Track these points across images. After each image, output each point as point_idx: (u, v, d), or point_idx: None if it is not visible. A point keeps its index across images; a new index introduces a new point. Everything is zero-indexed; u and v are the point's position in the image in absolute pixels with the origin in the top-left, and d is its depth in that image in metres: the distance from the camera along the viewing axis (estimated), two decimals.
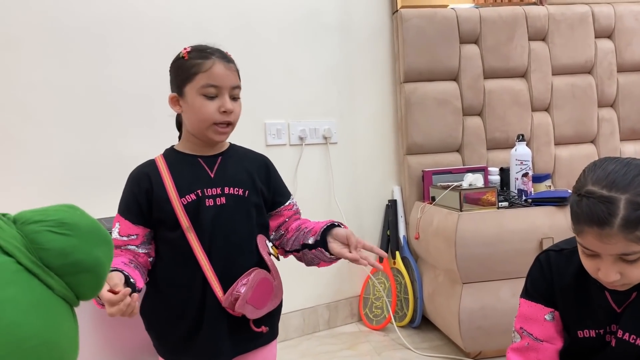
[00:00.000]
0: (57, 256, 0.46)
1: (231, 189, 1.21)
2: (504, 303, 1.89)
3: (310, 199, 2.33)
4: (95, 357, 1.57)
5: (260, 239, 1.23)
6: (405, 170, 2.42)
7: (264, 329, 1.25)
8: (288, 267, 1.33)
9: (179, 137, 1.27)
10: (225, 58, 1.17)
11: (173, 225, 1.16)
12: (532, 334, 1.01)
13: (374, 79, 2.48)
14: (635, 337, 0.93)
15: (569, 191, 2.04)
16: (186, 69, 1.15)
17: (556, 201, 1.96)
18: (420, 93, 2.37)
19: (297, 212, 1.36)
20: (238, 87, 1.18)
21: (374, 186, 2.51)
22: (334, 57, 2.40)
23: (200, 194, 1.17)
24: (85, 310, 1.49)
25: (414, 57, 2.35)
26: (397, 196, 2.51)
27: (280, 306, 1.35)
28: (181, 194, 1.16)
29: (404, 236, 2.46)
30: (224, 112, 1.14)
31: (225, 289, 1.18)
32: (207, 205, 1.17)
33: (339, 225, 1.25)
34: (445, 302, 2.02)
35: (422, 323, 2.30)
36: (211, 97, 1.13)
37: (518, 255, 1.88)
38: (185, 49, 1.17)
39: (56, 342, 0.44)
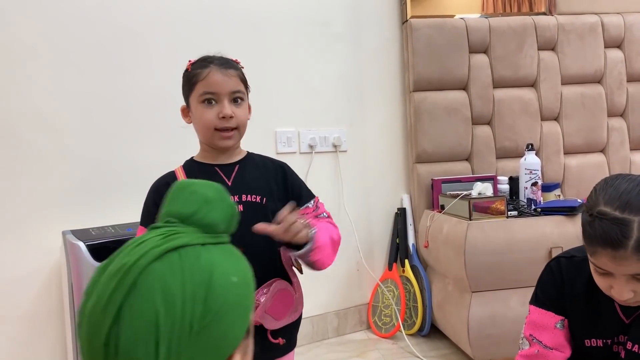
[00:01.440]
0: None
1: (249, 196, 1.22)
2: (514, 312, 1.89)
3: None
4: None
5: (284, 250, 1.22)
6: (415, 179, 2.43)
7: (280, 340, 1.25)
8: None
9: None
10: (224, 64, 1.18)
11: None
12: (541, 342, 1.01)
13: (384, 88, 2.50)
14: None
15: (579, 200, 2.05)
16: (188, 80, 1.19)
17: (565, 211, 1.96)
18: (430, 102, 2.38)
19: (320, 216, 1.31)
20: (239, 91, 1.19)
21: (383, 194, 2.53)
22: (344, 66, 2.42)
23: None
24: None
25: (424, 66, 2.37)
26: (407, 204, 2.52)
27: (299, 319, 1.34)
28: None
29: (413, 244, 2.47)
30: (223, 117, 1.16)
31: None
32: None
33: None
34: (455, 311, 2.02)
35: (431, 331, 2.30)
36: (210, 104, 1.16)
37: (527, 264, 1.88)
38: (190, 61, 1.20)
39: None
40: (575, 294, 1.00)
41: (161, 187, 1.21)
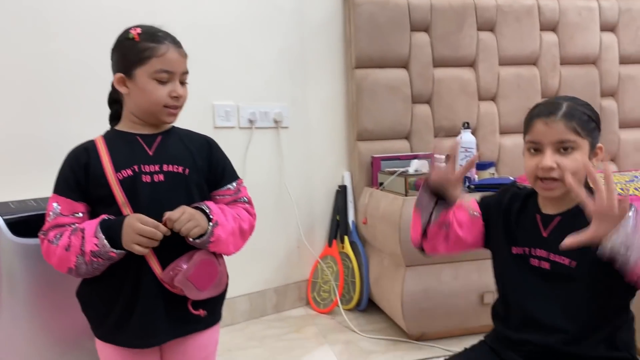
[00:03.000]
0: None
1: (170, 166, 1.20)
2: (445, 286, 1.95)
3: (260, 183, 2.31)
4: (31, 342, 1.53)
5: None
6: (356, 156, 2.44)
7: (202, 312, 1.24)
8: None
9: (110, 116, 1.27)
10: (177, 43, 1.19)
11: (109, 201, 1.15)
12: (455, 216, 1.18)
13: (327, 64, 2.48)
14: (564, 258, 1.05)
15: (511, 178, 2.12)
16: (138, 51, 1.15)
17: (498, 188, 2.01)
18: (372, 79, 2.38)
19: (239, 200, 1.32)
20: (187, 72, 1.21)
21: (324, 172, 2.52)
22: (286, 41, 2.38)
23: (137, 170, 1.17)
24: (19, 294, 1.44)
25: (366, 43, 2.36)
26: (348, 182, 2.53)
27: (224, 293, 1.34)
28: (117, 169, 1.16)
29: (352, 221, 2.49)
30: (175, 97, 1.17)
31: (163, 266, 1.17)
32: (144, 181, 1.17)
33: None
34: (390, 285, 2.06)
35: (368, 306, 2.34)
36: (163, 82, 1.16)
37: None
38: (134, 29, 1.16)
39: None
40: (512, 208, 1.16)
41: (79, 154, 1.18)
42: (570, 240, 0.94)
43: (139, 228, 1.09)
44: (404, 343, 1.99)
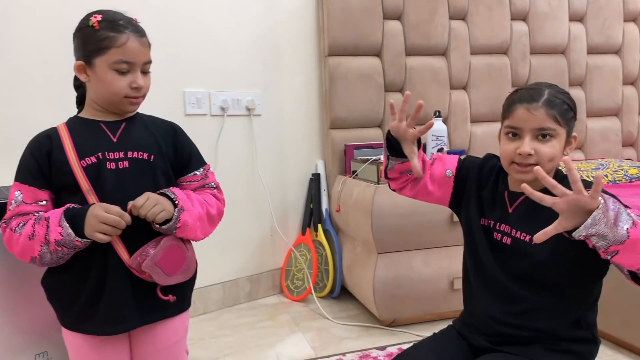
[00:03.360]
0: None
1: (135, 153, 1.20)
2: (416, 272, 1.97)
3: (233, 171, 2.30)
4: None
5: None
6: (329, 145, 2.44)
7: (171, 297, 1.24)
8: (210, 240, 1.31)
9: (77, 99, 1.25)
10: (140, 32, 1.16)
11: (74, 189, 1.14)
12: (432, 169, 1.23)
13: (300, 52, 2.46)
14: (524, 235, 1.08)
15: None
16: (97, 40, 1.12)
17: None
18: (344, 68, 2.38)
19: (206, 186, 1.32)
20: (150, 62, 1.19)
21: (298, 160, 2.51)
22: (259, 27, 2.35)
23: (101, 157, 1.16)
24: None
25: (339, 30, 2.35)
26: (321, 170, 2.53)
27: (193, 279, 1.33)
28: (81, 157, 1.14)
29: (326, 209, 2.49)
30: (135, 87, 1.15)
31: (131, 253, 1.16)
32: (109, 168, 1.16)
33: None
34: (362, 272, 2.08)
35: (341, 293, 2.36)
36: (123, 73, 1.14)
37: (430, 226, 1.95)
38: (94, 16, 1.14)
39: None
40: (487, 181, 1.19)
41: (42, 141, 1.17)
42: (541, 236, 0.93)
43: (103, 217, 1.08)
44: (376, 329, 2.02)
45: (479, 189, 1.20)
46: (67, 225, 1.08)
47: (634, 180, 2.30)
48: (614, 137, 2.88)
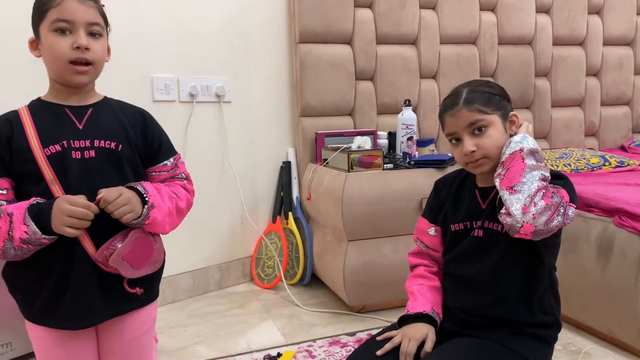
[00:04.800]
0: None
1: (102, 142, 1.15)
2: (386, 259, 2.00)
3: (203, 159, 2.27)
4: None
5: None
6: (300, 132, 2.43)
7: (138, 290, 1.22)
8: (179, 228, 1.29)
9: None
10: None
11: (36, 178, 1.10)
12: (423, 242, 1.34)
13: (270, 38, 2.43)
14: (497, 225, 1.16)
15: (449, 154, 2.18)
16: (39, 7, 1.09)
17: (437, 164, 2.08)
18: (315, 55, 2.37)
19: (176, 176, 1.29)
20: (97, 24, 1.12)
21: (268, 147, 2.50)
22: (228, 12, 2.31)
23: (65, 145, 1.11)
24: None
25: (309, 17, 2.33)
26: (292, 158, 2.52)
27: (161, 270, 1.31)
28: (44, 144, 1.10)
29: (297, 197, 2.50)
30: (78, 48, 1.08)
31: (97, 245, 1.13)
32: (74, 157, 1.12)
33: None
34: (332, 260, 2.09)
35: (312, 281, 2.37)
36: (63, 33, 1.08)
37: (400, 213, 1.98)
38: None
39: None
40: (449, 194, 1.29)
41: (1, 126, 1.11)
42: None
43: (69, 210, 1.04)
44: (346, 315, 2.04)
45: (450, 201, 1.28)
46: (33, 223, 1.04)
47: (595, 169, 2.37)
48: (577, 127, 2.97)
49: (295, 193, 2.50)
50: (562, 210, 1.06)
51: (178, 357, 1.70)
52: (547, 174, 1.10)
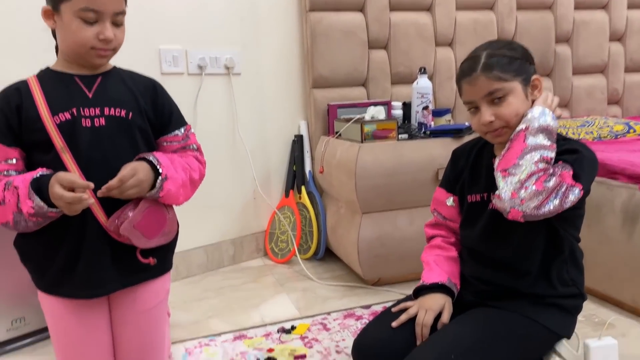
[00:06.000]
0: None
1: (112, 109, 1.14)
2: (401, 232, 1.95)
3: (213, 132, 2.23)
4: None
5: None
6: (312, 104, 2.38)
7: (151, 260, 1.21)
8: (191, 203, 1.27)
9: (56, 47, 1.17)
10: None
11: (46, 147, 1.09)
12: (440, 213, 1.32)
13: (280, 7, 2.36)
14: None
15: (467, 124, 2.11)
16: None
17: (453, 132, 2.01)
18: (326, 23, 2.29)
19: (188, 147, 1.28)
20: (122, 12, 1.11)
21: (280, 121, 2.45)
22: None
23: (75, 113, 1.10)
24: None
25: None
26: (304, 131, 2.47)
27: (174, 241, 1.30)
28: (54, 112, 1.08)
29: (309, 171, 2.45)
30: (103, 39, 1.08)
31: (108, 214, 1.12)
32: (84, 125, 1.10)
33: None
34: (346, 233, 2.05)
35: (326, 255, 2.34)
36: (90, 22, 1.06)
37: (415, 185, 1.93)
38: None
39: None
40: (467, 163, 1.26)
41: (11, 95, 1.10)
42: None
43: (59, 195, 1.00)
44: (361, 288, 2.01)
45: (468, 171, 1.25)
46: (37, 198, 1.02)
47: (619, 136, 2.29)
48: (599, 94, 2.86)
49: (307, 167, 2.45)
50: (559, 194, 1.01)
51: (191, 331, 1.69)
52: (551, 155, 1.04)
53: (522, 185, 1.01)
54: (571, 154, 1.09)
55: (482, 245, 1.21)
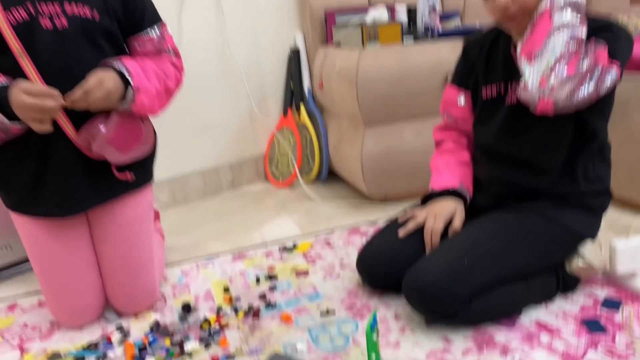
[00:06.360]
0: None
1: (74, 6, 1.00)
2: (408, 144, 1.82)
3: (200, 47, 2.05)
4: None
5: None
6: (308, 13, 2.18)
7: (128, 175, 1.10)
8: (183, 125, 1.14)
9: None
10: None
11: (1, 50, 0.95)
12: (451, 115, 1.23)
13: None
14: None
15: (477, 25, 1.93)
16: None
17: (463, 33, 1.83)
18: None
19: (163, 50, 1.14)
20: None
21: (274, 33, 2.26)
22: None
23: (32, 11, 0.96)
24: None
25: None
26: (300, 45, 2.29)
27: (153, 152, 1.20)
28: (5, 6, 0.94)
29: (308, 88, 2.29)
30: None
31: (77, 126, 1.00)
32: (44, 28, 0.97)
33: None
34: (349, 150, 1.93)
35: (329, 177, 2.23)
36: None
37: (422, 92, 1.77)
38: None
39: None
40: (480, 54, 1.15)
41: None
42: None
43: (26, 103, 0.89)
44: (367, 205, 1.90)
45: (482, 63, 1.14)
46: None
47: None
48: None
49: (306, 84, 2.29)
50: (594, 77, 0.87)
51: (188, 253, 1.60)
52: (581, 33, 0.89)
53: (552, 71, 0.87)
54: (603, 31, 0.94)
55: (500, 143, 1.11)
